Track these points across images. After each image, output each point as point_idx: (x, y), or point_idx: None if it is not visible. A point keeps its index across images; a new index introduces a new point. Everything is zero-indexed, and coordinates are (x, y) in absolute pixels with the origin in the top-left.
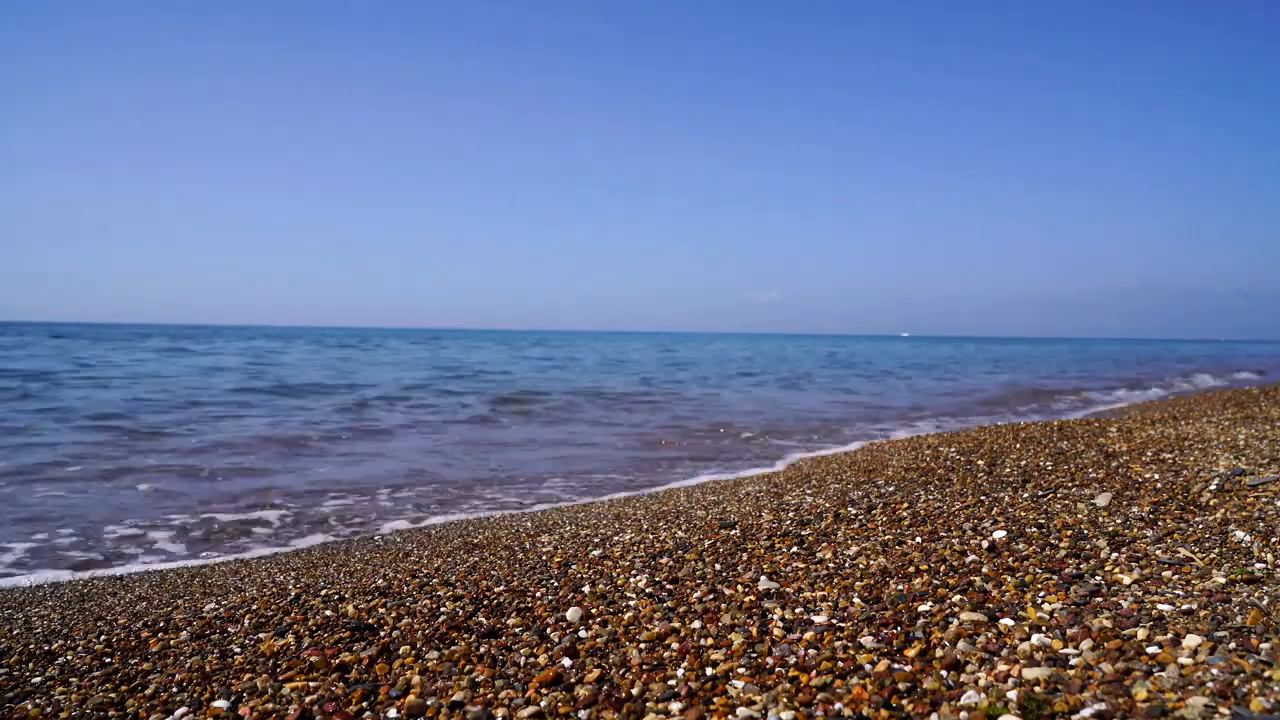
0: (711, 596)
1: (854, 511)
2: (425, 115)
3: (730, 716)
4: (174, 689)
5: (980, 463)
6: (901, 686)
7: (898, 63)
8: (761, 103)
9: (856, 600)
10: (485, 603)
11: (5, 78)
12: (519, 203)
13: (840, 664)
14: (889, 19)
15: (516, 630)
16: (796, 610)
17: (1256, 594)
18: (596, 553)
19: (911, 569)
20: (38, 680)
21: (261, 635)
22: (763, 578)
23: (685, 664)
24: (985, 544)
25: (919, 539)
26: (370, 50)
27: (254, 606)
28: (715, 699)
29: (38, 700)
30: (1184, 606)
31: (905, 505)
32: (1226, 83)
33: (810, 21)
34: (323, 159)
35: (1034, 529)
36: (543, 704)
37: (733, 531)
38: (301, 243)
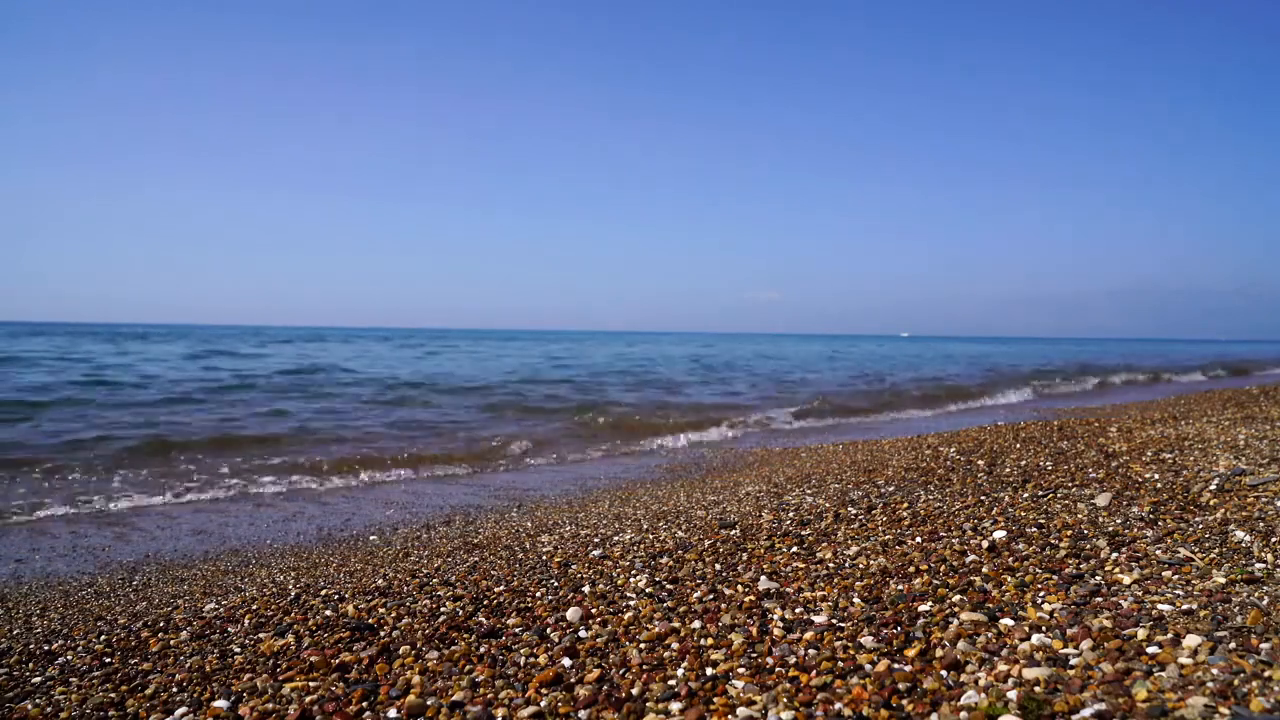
0: (711, 596)
1: (854, 511)
2: (423, 114)
3: (730, 716)
4: (174, 689)
5: (980, 463)
6: (901, 686)
7: (898, 61)
8: (763, 100)
9: (856, 600)
10: (485, 603)
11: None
12: (512, 201)
13: (840, 664)
14: (892, 18)
15: (516, 630)
16: (796, 610)
17: (1256, 594)
18: (596, 553)
19: (911, 569)
20: (38, 680)
21: (261, 635)
22: (763, 578)
23: (685, 664)
24: (985, 544)
25: (919, 539)
26: (371, 49)
27: (254, 606)
28: (715, 699)
29: (38, 700)
30: (1184, 606)
31: (905, 505)
32: (1229, 82)
33: (812, 19)
34: (324, 154)
35: (1034, 529)
36: (543, 704)
37: (733, 531)
38: (298, 242)
